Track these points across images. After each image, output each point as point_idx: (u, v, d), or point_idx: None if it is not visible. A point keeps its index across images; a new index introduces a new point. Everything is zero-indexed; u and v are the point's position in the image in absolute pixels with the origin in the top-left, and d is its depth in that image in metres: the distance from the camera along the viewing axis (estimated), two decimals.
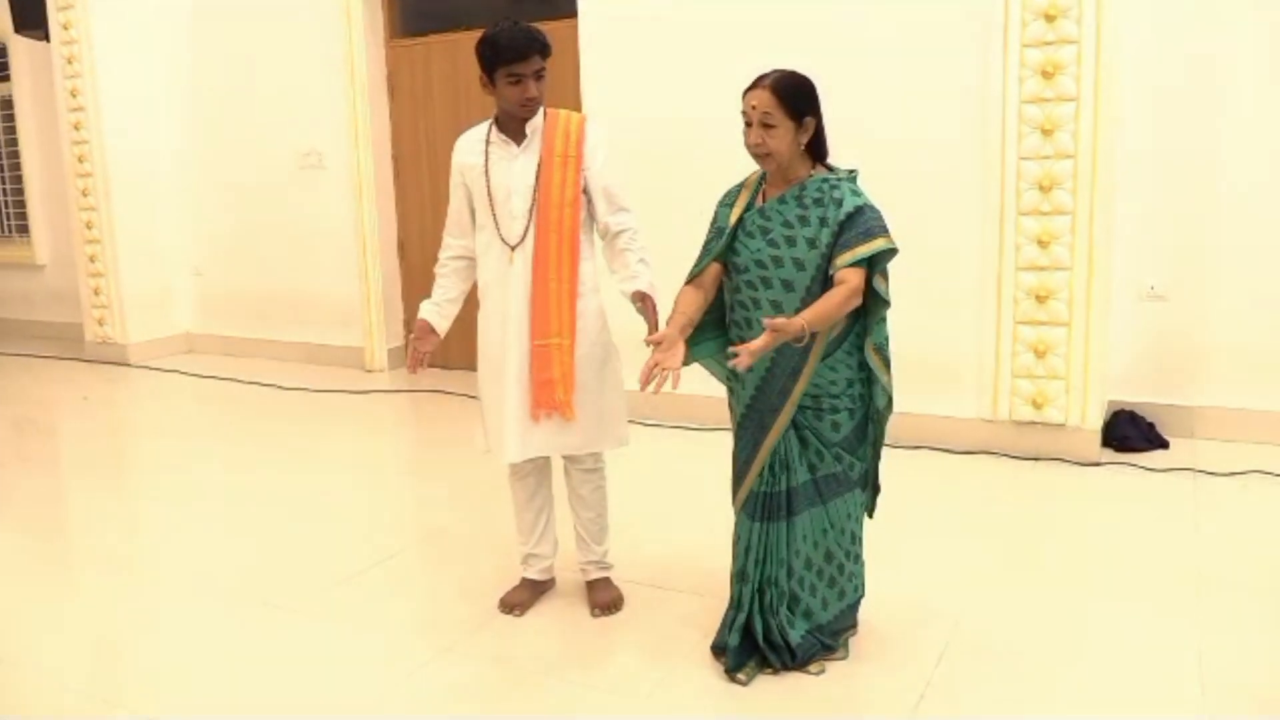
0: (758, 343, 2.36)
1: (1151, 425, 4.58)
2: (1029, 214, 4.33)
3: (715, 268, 2.70)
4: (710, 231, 2.73)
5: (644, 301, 2.80)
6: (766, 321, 2.37)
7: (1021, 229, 4.35)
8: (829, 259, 2.52)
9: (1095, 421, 4.39)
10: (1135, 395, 4.69)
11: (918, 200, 4.49)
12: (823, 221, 2.52)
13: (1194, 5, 4.40)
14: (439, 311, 3.05)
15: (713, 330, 2.79)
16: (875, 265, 2.52)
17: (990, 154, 4.37)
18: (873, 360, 2.61)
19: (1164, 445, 4.51)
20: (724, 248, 2.66)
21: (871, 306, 2.58)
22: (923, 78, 4.50)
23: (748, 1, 4.77)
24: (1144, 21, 4.38)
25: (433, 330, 3.03)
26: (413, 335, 3.04)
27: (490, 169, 2.90)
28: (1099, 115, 4.16)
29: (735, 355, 2.43)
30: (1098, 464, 4.35)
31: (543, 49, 2.80)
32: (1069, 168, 4.23)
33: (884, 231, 2.51)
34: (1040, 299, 4.35)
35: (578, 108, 5.05)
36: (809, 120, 2.54)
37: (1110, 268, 4.37)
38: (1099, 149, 4.18)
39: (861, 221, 2.50)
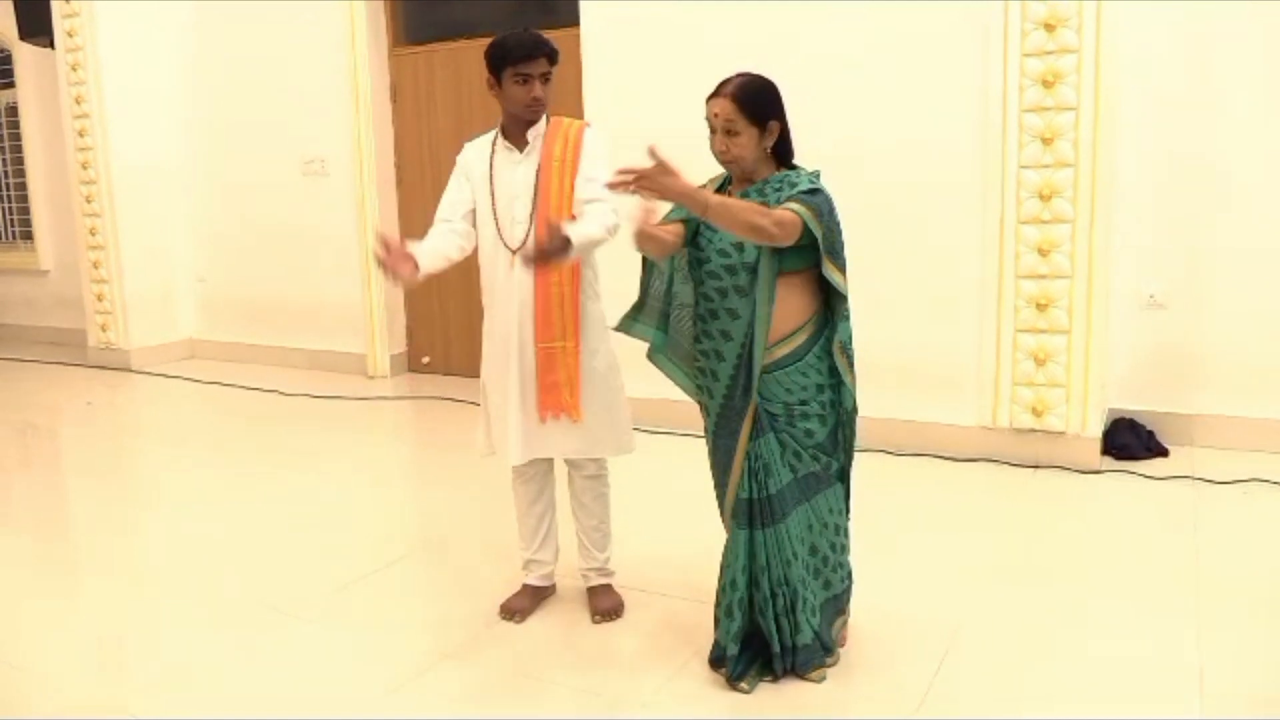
0: (650, 173, 2.36)
1: (1151, 433, 4.59)
2: (1029, 222, 4.34)
3: (677, 227, 2.64)
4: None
5: (547, 229, 2.62)
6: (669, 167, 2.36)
7: (1022, 237, 4.36)
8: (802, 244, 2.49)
9: (1095, 429, 4.39)
10: (1135, 403, 4.70)
11: (919, 208, 4.51)
12: (779, 203, 2.52)
13: (1193, 15, 4.41)
14: (422, 249, 2.86)
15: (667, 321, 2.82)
16: (831, 254, 2.50)
17: (991, 162, 4.38)
18: (839, 360, 2.60)
19: (1164, 453, 4.51)
20: (688, 232, 2.64)
21: (831, 300, 2.59)
22: (923, 87, 4.52)
23: (749, 12, 4.80)
24: (1143, 31, 4.39)
25: (414, 259, 2.77)
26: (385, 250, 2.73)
27: (495, 175, 2.94)
28: (1099, 124, 4.17)
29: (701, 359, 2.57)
30: (1098, 472, 4.35)
31: (550, 53, 2.86)
32: (1069, 176, 4.24)
33: (822, 216, 2.47)
34: (1040, 307, 4.36)
35: (580, 116, 5.07)
36: (773, 124, 2.55)
37: (1110, 276, 4.39)
38: (1099, 158, 4.19)
39: (809, 193, 2.48)
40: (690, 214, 2.58)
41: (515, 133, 2.93)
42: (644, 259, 2.79)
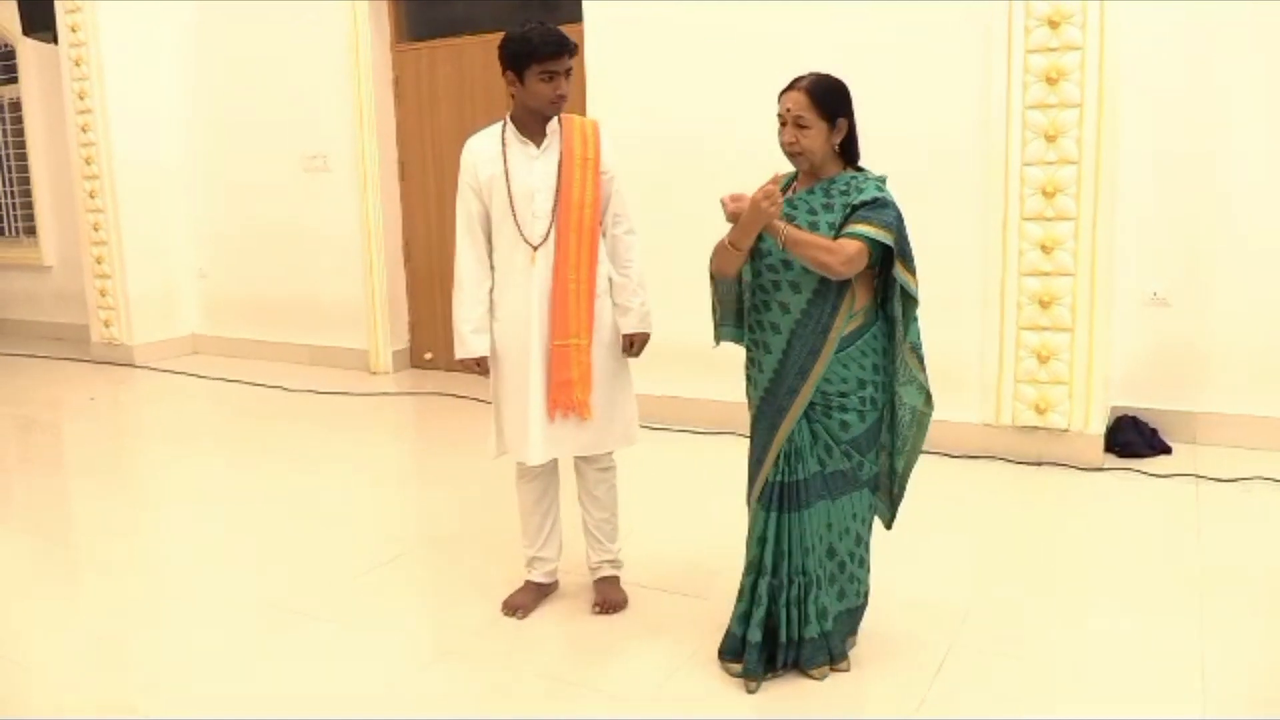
0: (740, 207, 2.50)
1: (1154, 431, 4.58)
2: (1033, 219, 4.33)
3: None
4: None
5: (631, 343, 3.04)
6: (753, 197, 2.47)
7: (1025, 234, 4.35)
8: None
9: (1098, 427, 4.39)
10: (1138, 400, 4.69)
11: (921, 205, 4.44)
12: (845, 208, 2.56)
13: (1196, 12, 4.40)
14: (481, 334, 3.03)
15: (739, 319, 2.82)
16: (902, 257, 2.54)
17: (994, 160, 4.38)
18: (909, 359, 2.64)
19: (1167, 450, 4.51)
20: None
21: (901, 303, 2.60)
22: (926, 84, 4.51)
23: (752, 9, 4.79)
24: (1147, 28, 4.38)
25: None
26: (475, 366, 3.03)
27: (510, 171, 2.90)
28: (1102, 121, 4.16)
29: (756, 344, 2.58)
30: (1100, 469, 4.35)
31: (573, 49, 2.85)
32: (1073, 173, 4.23)
33: (891, 228, 2.51)
34: (1044, 304, 4.36)
35: (582, 111, 5.06)
36: (841, 121, 2.59)
37: (1113, 273, 4.38)
38: (1102, 155, 4.18)
39: (878, 206, 2.52)
40: None
41: (532, 127, 2.91)
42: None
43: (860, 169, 2.67)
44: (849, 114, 2.61)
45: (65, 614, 3.31)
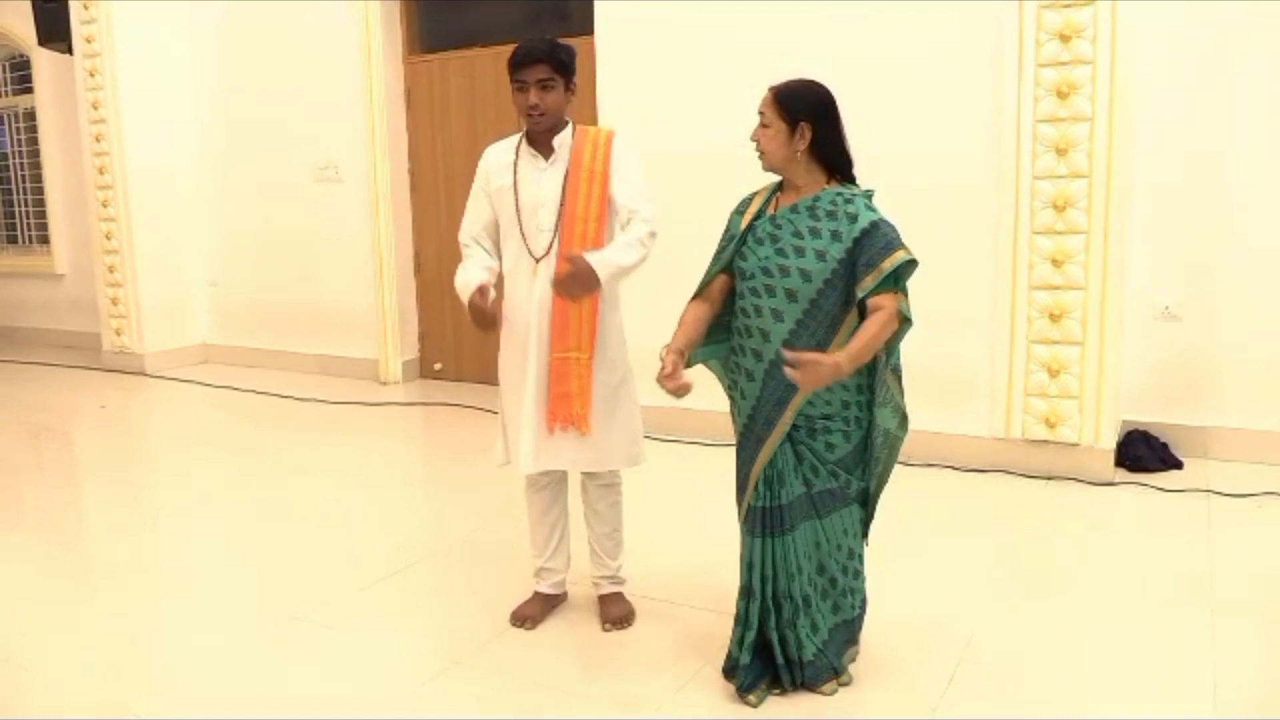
0: (801, 376, 2.34)
1: (1165, 445, 4.56)
2: (1043, 233, 4.33)
3: (723, 279, 2.71)
4: (722, 239, 2.73)
5: (570, 262, 2.67)
6: (789, 356, 2.35)
7: (1036, 248, 4.35)
8: (845, 277, 2.50)
9: (1109, 441, 4.38)
10: (1149, 415, 4.68)
11: (932, 218, 4.50)
12: (835, 235, 2.50)
13: (1209, 26, 4.40)
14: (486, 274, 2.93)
15: (723, 332, 2.78)
16: (897, 283, 2.50)
17: (1005, 173, 4.38)
18: (890, 381, 2.59)
19: (1178, 465, 4.49)
20: (733, 254, 2.65)
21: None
22: (938, 97, 4.52)
23: (762, 21, 4.81)
24: (1159, 41, 4.38)
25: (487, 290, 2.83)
26: (478, 302, 2.79)
27: (519, 183, 2.91)
28: (1114, 135, 4.16)
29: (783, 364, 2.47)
30: (1111, 484, 4.33)
31: (548, 58, 2.79)
32: (1083, 187, 4.23)
33: (902, 244, 2.49)
34: (1054, 318, 4.35)
35: (594, 122, 5.08)
36: (804, 125, 2.51)
37: (1124, 287, 4.37)
38: (1113, 169, 4.18)
39: (879, 236, 2.47)
40: (733, 257, 2.63)
41: (539, 139, 2.91)
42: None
43: (844, 184, 2.59)
44: (816, 121, 2.51)
45: (75, 618, 3.31)
